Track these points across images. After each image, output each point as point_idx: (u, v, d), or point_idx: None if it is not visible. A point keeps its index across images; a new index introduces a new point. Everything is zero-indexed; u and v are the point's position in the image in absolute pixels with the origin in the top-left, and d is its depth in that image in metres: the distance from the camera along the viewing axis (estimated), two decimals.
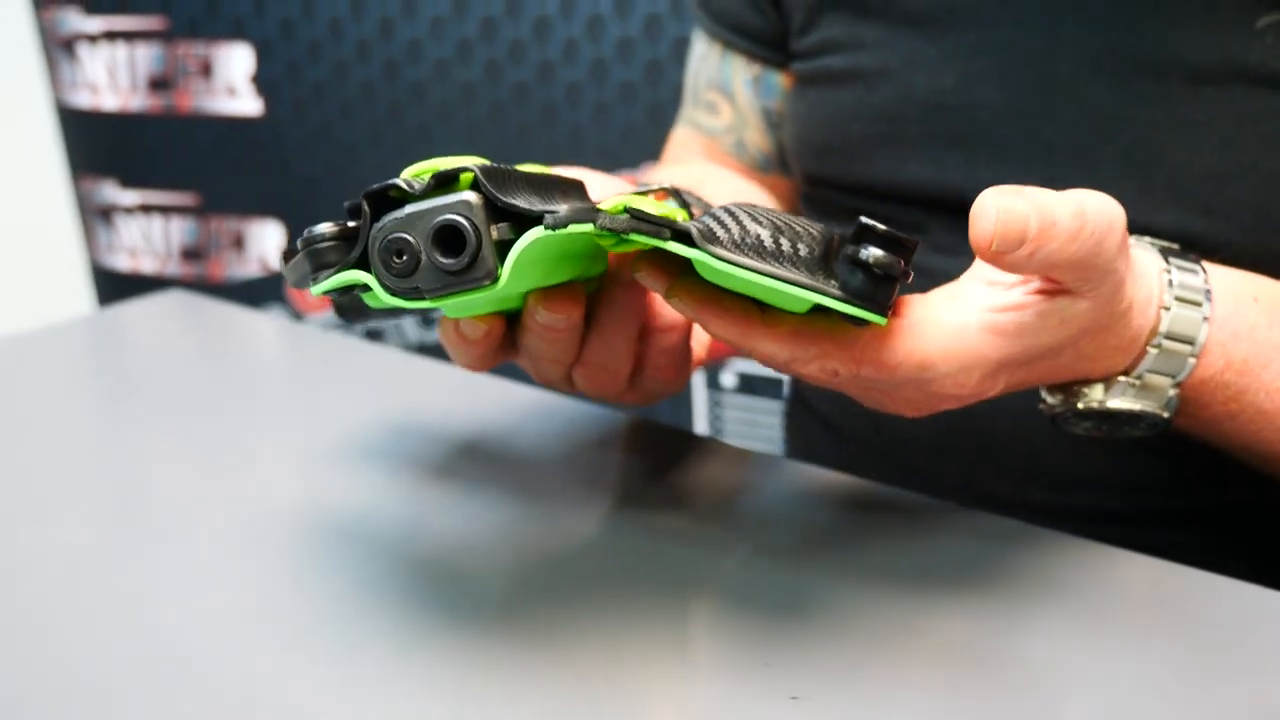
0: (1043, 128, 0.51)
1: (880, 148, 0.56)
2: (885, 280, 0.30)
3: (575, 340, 0.39)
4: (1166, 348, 0.38)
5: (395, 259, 0.30)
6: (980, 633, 0.36)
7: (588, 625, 0.36)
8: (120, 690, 0.33)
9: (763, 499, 0.45)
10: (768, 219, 0.32)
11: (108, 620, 0.36)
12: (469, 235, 0.29)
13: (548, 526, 0.42)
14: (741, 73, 0.66)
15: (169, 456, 0.48)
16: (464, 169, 0.30)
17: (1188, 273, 0.39)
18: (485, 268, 0.30)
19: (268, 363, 0.62)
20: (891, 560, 0.40)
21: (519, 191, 0.31)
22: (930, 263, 0.56)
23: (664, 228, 0.29)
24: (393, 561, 0.39)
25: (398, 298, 0.30)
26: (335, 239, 0.32)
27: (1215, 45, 0.47)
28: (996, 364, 0.35)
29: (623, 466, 0.48)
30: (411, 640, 0.35)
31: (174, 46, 1.20)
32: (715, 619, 0.37)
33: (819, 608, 0.37)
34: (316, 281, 0.32)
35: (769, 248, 0.31)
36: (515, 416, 0.52)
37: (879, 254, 0.30)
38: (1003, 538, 0.42)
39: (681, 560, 0.40)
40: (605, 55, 1.07)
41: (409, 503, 0.44)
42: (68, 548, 0.40)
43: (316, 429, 0.51)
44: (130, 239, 1.29)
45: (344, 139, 1.17)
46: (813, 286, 0.30)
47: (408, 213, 0.30)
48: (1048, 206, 0.31)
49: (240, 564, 0.39)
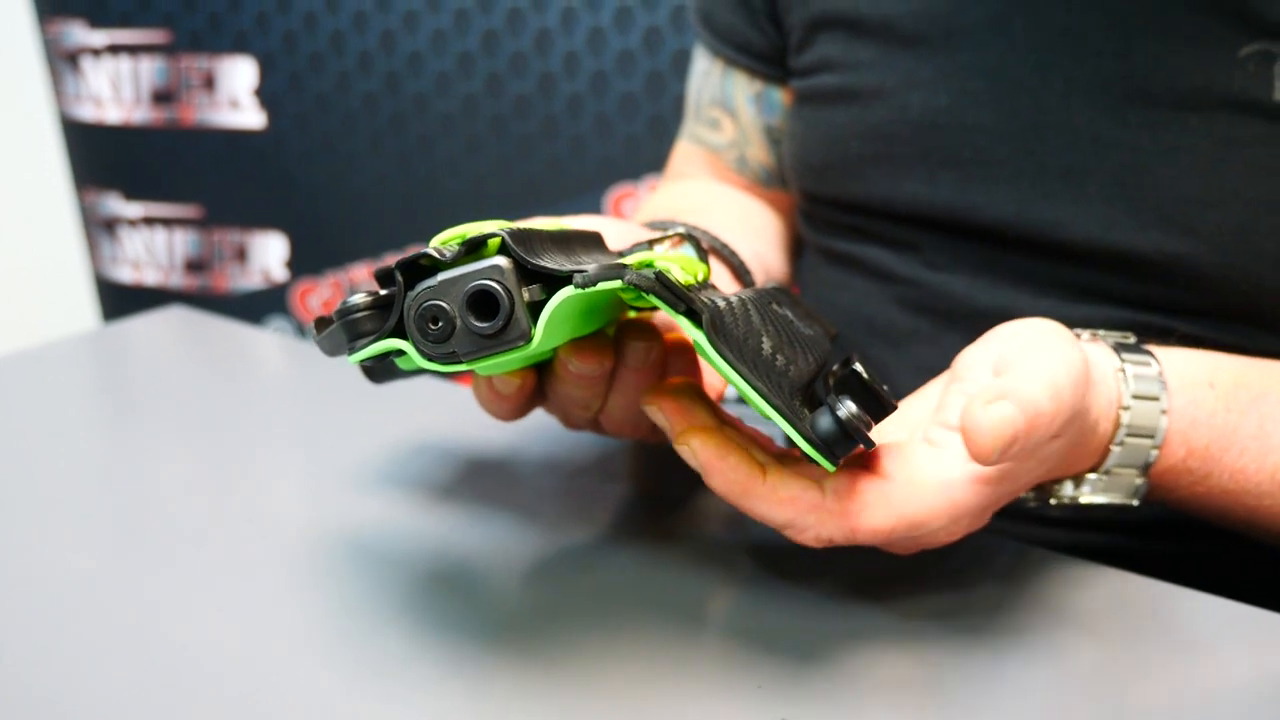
0: (1035, 150, 0.52)
1: (875, 166, 0.57)
2: (848, 438, 0.31)
3: (604, 387, 0.39)
4: (1129, 444, 0.39)
5: (431, 325, 0.31)
6: (974, 656, 0.36)
7: (586, 646, 0.36)
8: (125, 712, 0.33)
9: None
10: (775, 326, 0.34)
11: (112, 638, 0.36)
12: (502, 299, 0.30)
13: (549, 546, 0.42)
14: (743, 89, 0.67)
15: (172, 475, 0.49)
16: (492, 234, 0.31)
17: (1141, 366, 0.40)
18: (520, 329, 0.30)
19: (270, 381, 0.62)
20: (885, 582, 0.40)
21: (545, 252, 0.32)
22: (923, 278, 0.57)
23: (681, 300, 0.30)
24: (396, 581, 0.40)
25: (435, 363, 0.31)
26: (370, 308, 0.32)
27: (1199, 73, 0.48)
28: (984, 508, 0.36)
29: (625, 486, 0.48)
30: (416, 661, 0.35)
31: (177, 60, 1.21)
32: (709, 641, 0.37)
33: (812, 630, 0.37)
34: (354, 350, 0.32)
35: (764, 358, 0.32)
36: (518, 434, 0.52)
37: (852, 411, 0.31)
38: (999, 559, 0.42)
39: (679, 582, 0.40)
40: (606, 68, 1.07)
41: (413, 522, 0.44)
42: (70, 565, 0.41)
43: (320, 447, 0.51)
44: (134, 251, 1.30)
45: (346, 151, 1.18)
46: (785, 414, 0.31)
47: (441, 280, 0.31)
48: (1031, 401, 0.32)
49: (244, 583, 0.40)
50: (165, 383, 0.60)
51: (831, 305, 0.62)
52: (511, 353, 0.31)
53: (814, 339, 0.38)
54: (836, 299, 0.62)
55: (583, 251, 0.36)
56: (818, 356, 0.35)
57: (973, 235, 0.54)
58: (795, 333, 0.35)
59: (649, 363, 0.38)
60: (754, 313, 0.33)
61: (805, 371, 0.33)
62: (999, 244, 0.54)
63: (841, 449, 0.31)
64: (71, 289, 1.50)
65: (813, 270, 0.66)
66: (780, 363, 0.32)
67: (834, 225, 0.61)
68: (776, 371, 0.32)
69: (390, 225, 1.19)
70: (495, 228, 0.32)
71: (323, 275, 1.22)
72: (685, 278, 0.33)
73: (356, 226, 1.20)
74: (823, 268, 0.64)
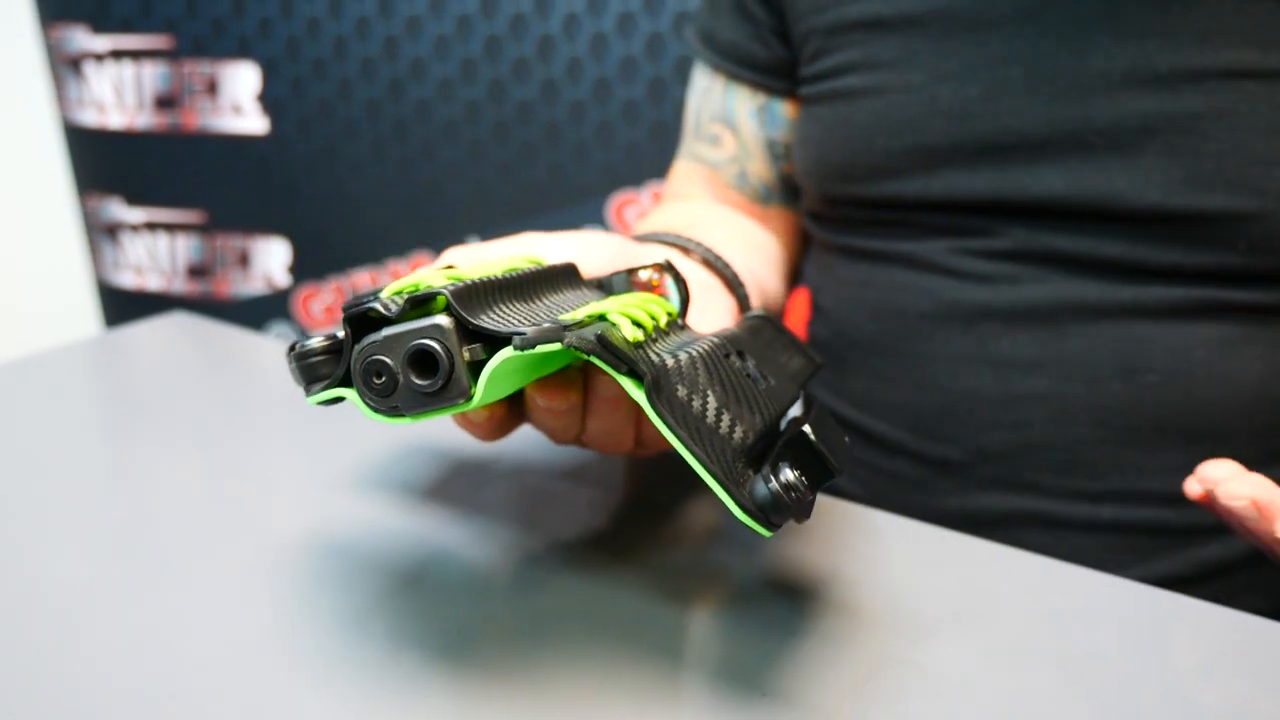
0: (1078, 130, 0.53)
1: (906, 160, 0.57)
2: (784, 507, 0.31)
3: (578, 415, 0.39)
4: None
5: (375, 379, 0.31)
6: (978, 665, 0.36)
7: (578, 652, 0.36)
8: (124, 717, 0.33)
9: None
10: (725, 384, 0.33)
11: (111, 644, 0.36)
12: (441, 359, 0.31)
13: (544, 552, 0.42)
14: (746, 104, 0.67)
15: (173, 482, 0.49)
16: (439, 291, 0.31)
17: None
18: (459, 388, 0.31)
19: (272, 387, 0.62)
20: (887, 588, 0.40)
21: (496, 307, 0.33)
22: (959, 266, 0.57)
23: (623, 362, 0.30)
24: (399, 590, 0.39)
25: (379, 414, 0.32)
26: (324, 353, 0.33)
27: (1255, 46, 0.49)
28: None
29: (617, 492, 0.48)
30: (415, 670, 0.35)
31: (180, 65, 1.21)
32: (712, 648, 0.37)
33: (815, 637, 0.37)
34: (310, 393, 0.33)
35: (709, 421, 0.32)
36: (518, 441, 0.52)
37: (790, 479, 0.30)
38: (1004, 566, 0.42)
39: (682, 588, 0.40)
40: (608, 74, 1.07)
41: (416, 530, 0.44)
42: (70, 571, 0.40)
43: (322, 454, 0.51)
44: (136, 257, 1.30)
45: (349, 156, 1.18)
46: (721, 480, 0.30)
47: (385, 335, 0.31)
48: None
49: (245, 589, 0.40)
50: (167, 389, 0.60)
51: (856, 302, 0.62)
52: (452, 409, 0.31)
53: (772, 391, 0.37)
54: (862, 296, 0.62)
55: (548, 293, 0.36)
56: (771, 412, 0.35)
57: (1021, 216, 0.55)
58: (746, 389, 0.35)
59: (616, 394, 0.38)
60: (702, 370, 0.33)
61: (752, 430, 0.33)
62: (1049, 222, 0.54)
63: (779, 517, 0.31)
64: (74, 294, 1.50)
65: (828, 270, 0.65)
66: (725, 424, 0.32)
67: (857, 223, 0.61)
68: (719, 435, 0.32)
69: (392, 231, 1.19)
70: (445, 282, 0.32)
71: (325, 280, 1.22)
72: (634, 332, 0.33)
73: (359, 232, 1.20)
74: (842, 266, 0.63)
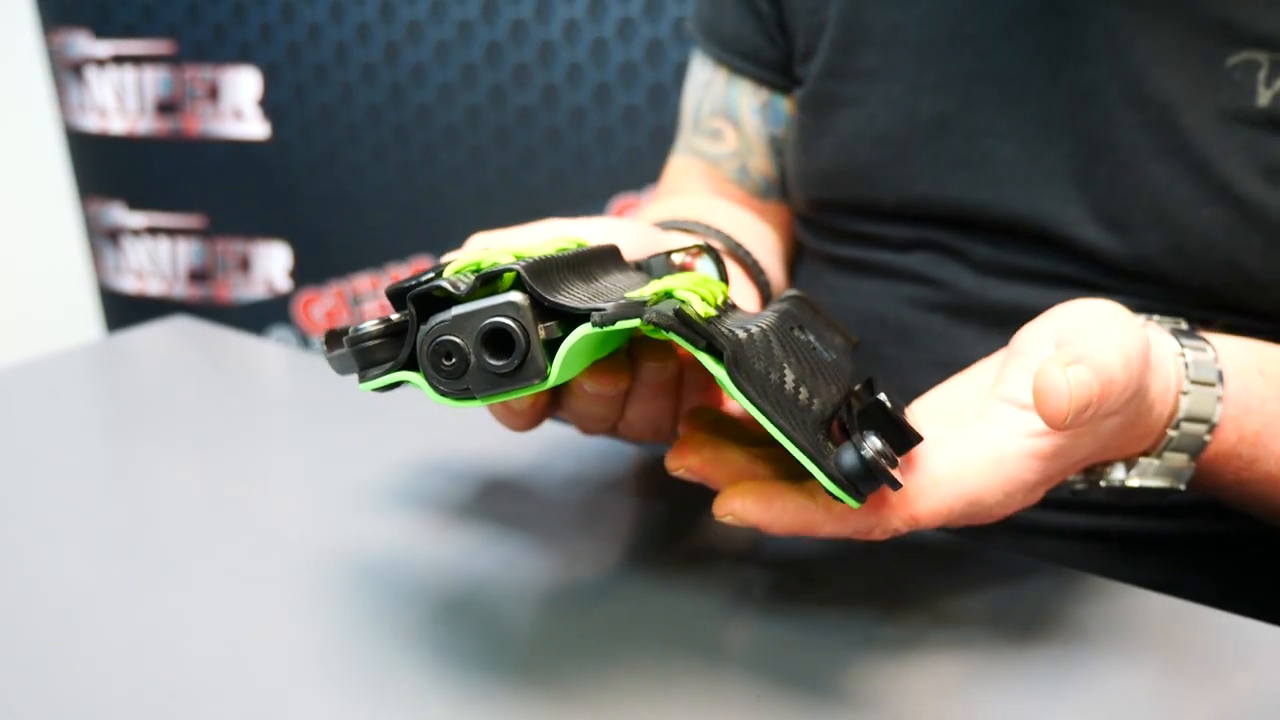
0: (1043, 152, 0.53)
1: (886, 170, 0.58)
2: (873, 476, 0.30)
3: (621, 402, 0.39)
4: (1184, 429, 0.39)
5: (444, 361, 0.30)
6: (981, 676, 0.36)
7: (602, 668, 0.36)
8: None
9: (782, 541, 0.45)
10: (798, 356, 0.33)
11: (112, 652, 0.36)
12: (518, 337, 0.29)
13: (559, 562, 0.42)
14: (749, 99, 0.66)
15: (175, 489, 0.49)
16: (508, 268, 0.30)
17: (1199, 351, 0.40)
18: (535, 367, 0.30)
19: (274, 393, 0.62)
20: (889, 595, 0.40)
21: (562, 284, 0.31)
22: (934, 275, 0.57)
23: (701, 336, 0.29)
24: (399, 599, 0.40)
25: (448, 398, 0.30)
26: (382, 336, 0.31)
27: (1188, 81, 0.50)
28: (1037, 483, 0.36)
29: (631, 501, 0.48)
30: (414, 674, 0.35)
31: (181, 70, 1.21)
32: (727, 664, 0.37)
33: (819, 645, 0.37)
34: (365, 379, 0.32)
35: (787, 393, 0.31)
36: (526, 448, 0.52)
37: (877, 448, 0.30)
38: (1007, 575, 0.42)
39: (699, 602, 0.40)
40: (608, 79, 1.07)
41: (416, 538, 0.44)
42: (72, 578, 0.41)
43: (324, 461, 0.51)
44: (137, 261, 1.30)
45: (349, 161, 1.18)
46: (809, 453, 0.30)
47: (454, 315, 0.30)
48: (1105, 367, 0.32)
49: (245, 598, 0.40)
50: (168, 394, 0.60)
51: (839, 309, 0.62)
52: (526, 389, 0.30)
53: (837, 365, 0.37)
54: (845, 303, 0.62)
55: (600, 273, 0.35)
56: (841, 385, 0.34)
57: (984, 231, 0.56)
58: (818, 361, 0.34)
59: (665, 379, 0.38)
60: (776, 343, 0.32)
61: (829, 402, 0.32)
62: (1009, 241, 0.55)
63: (867, 487, 0.30)
64: (75, 299, 1.50)
65: (816, 278, 0.66)
66: (803, 396, 0.31)
67: (841, 232, 0.61)
68: (799, 406, 0.31)
69: (393, 236, 1.19)
70: (511, 259, 0.31)
71: (326, 285, 1.22)
72: (705, 308, 0.32)
73: (359, 237, 1.20)
74: (828, 275, 0.64)
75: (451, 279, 0.30)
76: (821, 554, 0.43)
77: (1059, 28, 0.52)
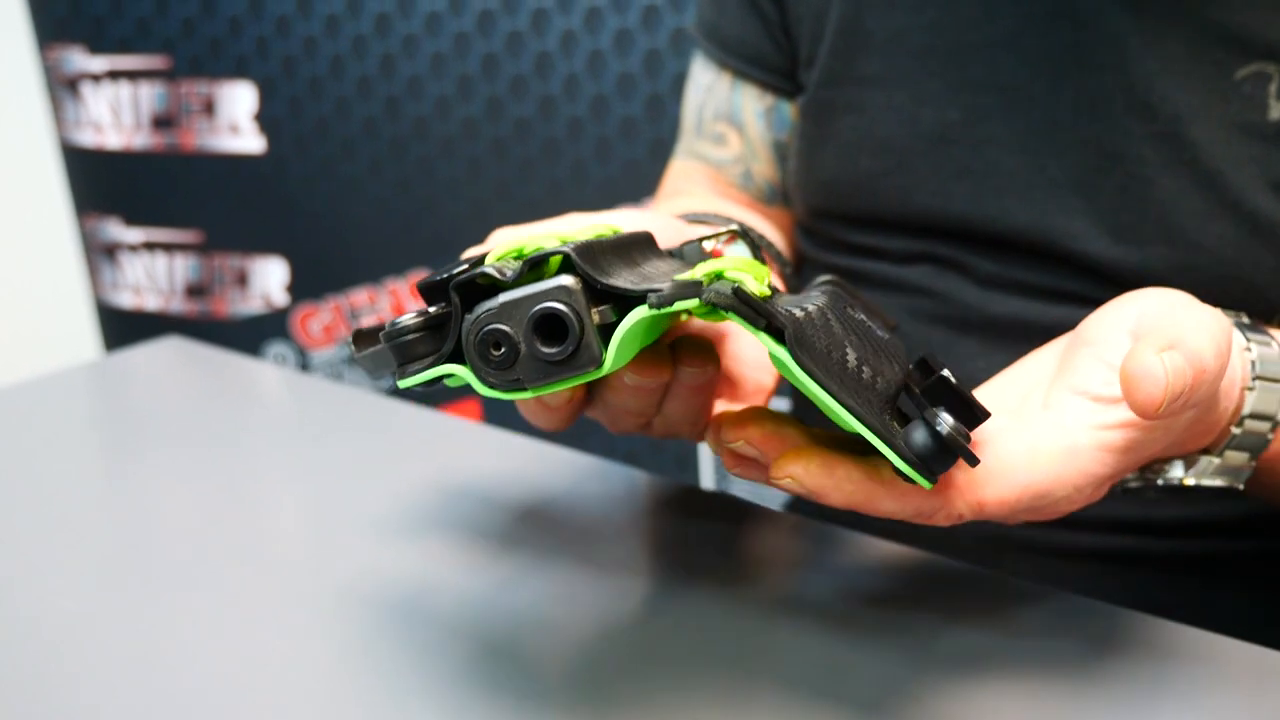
0: (1047, 163, 0.52)
1: (887, 180, 0.57)
2: (947, 453, 0.29)
3: (658, 398, 0.38)
4: (1248, 426, 0.38)
5: (493, 351, 0.28)
6: (993, 696, 0.35)
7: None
8: None
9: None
10: (858, 335, 0.31)
11: (108, 675, 0.35)
12: (571, 322, 0.28)
13: (567, 584, 0.42)
14: (753, 104, 0.65)
15: (171, 511, 0.48)
16: (555, 251, 0.28)
17: (1264, 347, 0.39)
18: (589, 354, 0.28)
19: (271, 415, 0.62)
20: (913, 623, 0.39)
21: (610, 266, 0.30)
22: (935, 287, 0.56)
23: (761, 316, 0.27)
24: (399, 614, 0.39)
25: (497, 390, 0.29)
26: (421, 329, 0.30)
27: (1197, 93, 0.49)
28: (1106, 478, 0.35)
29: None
30: (420, 690, 0.34)
31: (177, 85, 1.21)
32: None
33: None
34: (405, 375, 0.30)
35: (850, 372, 0.29)
36: (514, 462, 0.52)
37: (952, 425, 0.29)
38: (1019, 600, 0.41)
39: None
40: (606, 91, 1.07)
41: (413, 557, 0.43)
42: (67, 600, 0.40)
43: (320, 481, 0.51)
44: (134, 277, 1.30)
45: (346, 175, 1.18)
46: (879, 432, 0.28)
47: (502, 302, 0.28)
48: (1199, 354, 0.31)
49: (242, 620, 0.39)
50: (164, 416, 0.59)
51: None
52: (580, 378, 0.28)
53: (893, 344, 0.35)
54: None
55: (641, 258, 0.33)
56: (901, 362, 0.33)
57: (987, 244, 0.55)
58: (876, 339, 0.33)
59: (706, 373, 0.37)
60: (835, 322, 0.30)
61: (892, 381, 0.31)
62: (1013, 254, 0.54)
63: (940, 465, 0.29)
64: (72, 314, 1.50)
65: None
66: (867, 375, 0.30)
67: (842, 243, 0.61)
68: (864, 385, 0.29)
69: (391, 249, 1.19)
70: (557, 242, 0.29)
71: (323, 300, 1.22)
72: (759, 288, 0.30)
73: (357, 251, 1.20)
74: None
75: (497, 265, 0.29)
76: (859, 576, 0.42)
77: (1065, 37, 0.51)
